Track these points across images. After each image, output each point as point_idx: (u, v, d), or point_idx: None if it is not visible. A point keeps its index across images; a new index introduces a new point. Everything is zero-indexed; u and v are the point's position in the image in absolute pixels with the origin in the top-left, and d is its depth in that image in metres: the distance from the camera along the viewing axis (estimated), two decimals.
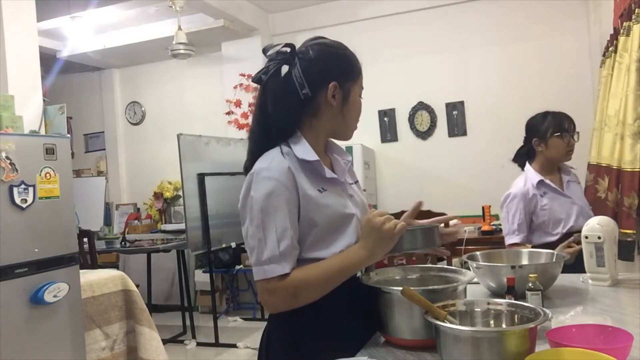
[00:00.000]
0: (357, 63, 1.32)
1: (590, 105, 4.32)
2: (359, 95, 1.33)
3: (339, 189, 1.30)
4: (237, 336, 4.52)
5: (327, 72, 1.26)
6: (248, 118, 5.56)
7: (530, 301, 1.33)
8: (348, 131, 1.34)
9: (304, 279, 1.17)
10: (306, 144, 1.26)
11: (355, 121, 1.34)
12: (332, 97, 1.27)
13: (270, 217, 1.17)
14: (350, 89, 1.29)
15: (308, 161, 1.24)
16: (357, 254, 1.19)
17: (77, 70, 6.34)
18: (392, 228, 1.16)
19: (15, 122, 2.66)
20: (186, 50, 4.57)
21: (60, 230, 2.59)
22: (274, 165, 1.21)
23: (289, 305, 1.19)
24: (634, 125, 2.57)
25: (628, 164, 2.61)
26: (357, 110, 1.33)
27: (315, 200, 1.22)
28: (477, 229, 4.04)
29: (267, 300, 1.19)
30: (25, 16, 3.13)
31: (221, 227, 4.42)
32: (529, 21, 4.74)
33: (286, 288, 1.16)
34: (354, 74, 1.31)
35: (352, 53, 1.33)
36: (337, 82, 1.27)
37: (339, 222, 1.25)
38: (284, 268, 1.16)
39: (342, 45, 1.34)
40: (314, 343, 1.24)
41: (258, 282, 1.19)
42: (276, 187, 1.18)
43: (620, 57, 2.77)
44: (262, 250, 1.17)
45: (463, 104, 4.98)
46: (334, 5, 5.32)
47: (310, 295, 1.19)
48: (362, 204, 1.38)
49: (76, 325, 2.64)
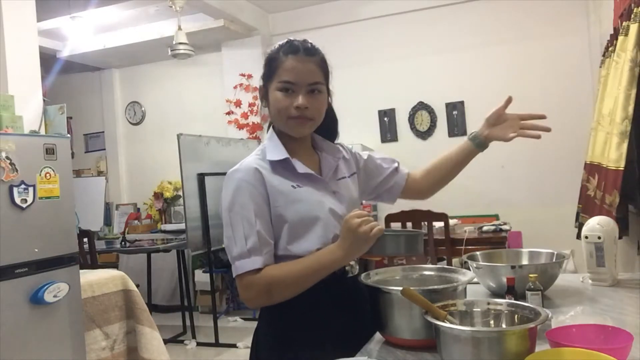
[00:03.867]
0: (273, 62, 1.29)
1: (590, 105, 4.32)
2: (279, 89, 1.27)
3: (317, 185, 1.31)
4: (237, 336, 4.52)
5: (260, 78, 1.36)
6: (248, 118, 5.57)
7: (530, 301, 1.32)
8: (282, 128, 1.31)
9: (277, 276, 1.19)
10: (277, 143, 1.31)
11: (279, 117, 1.29)
12: (261, 99, 1.36)
13: (237, 215, 1.22)
14: (269, 88, 1.31)
15: (276, 160, 1.28)
16: (333, 254, 1.19)
17: (77, 70, 6.35)
18: (367, 231, 1.14)
19: (15, 122, 2.66)
20: (186, 50, 4.57)
21: (60, 230, 2.59)
22: (242, 167, 1.27)
23: (264, 301, 1.22)
24: (621, 125, 2.56)
25: (612, 162, 2.60)
26: (275, 106, 1.29)
27: (286, 195, 1.25)
28: (477, 228, 4.04)
29: (244, 295, 1.22)
30: (25, 16, 3.13)
31: (221, 227, 4.31)
32: (529, 21, 4.74)
33: (260, 284, 1.18)
34: (269, 72, 1.31)
35: (273, 52, 1.31)
36: (262, 85, 1.34)
37: (310, 218, 1.25)
38: (254, 263, 1.19)
39: (276, 45, 1.32)
40: (301, 341, 1.25)
41: (235, 278, 1.22)
42: (241, 185, 1.23)
43: (618, 57, 2.77)
44: (232, 247, 1.22)
45: (463, 104, 4.98)
46: (334, 5, 5.32)
47: (285, 292, 1.20)
48: (350, 200, 1.36)
49: (76, 325, 2.64)
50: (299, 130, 1.30)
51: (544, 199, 4.70)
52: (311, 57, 1.28)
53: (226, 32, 5.28)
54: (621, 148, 2.55)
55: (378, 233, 1.15)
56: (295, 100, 1.25)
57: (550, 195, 4.67)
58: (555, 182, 4.65)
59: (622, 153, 2.54)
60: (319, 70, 1.29)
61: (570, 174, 4.31)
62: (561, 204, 4.41)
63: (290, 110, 1.26)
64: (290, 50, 1.27)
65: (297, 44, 1.29)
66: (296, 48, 1.28)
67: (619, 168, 2.56)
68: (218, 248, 4.52)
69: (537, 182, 4.74)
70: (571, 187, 4.00)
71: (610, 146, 2.68)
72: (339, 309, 1.29)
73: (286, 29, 5.45)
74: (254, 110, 5.52)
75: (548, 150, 4.70)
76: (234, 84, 5.55)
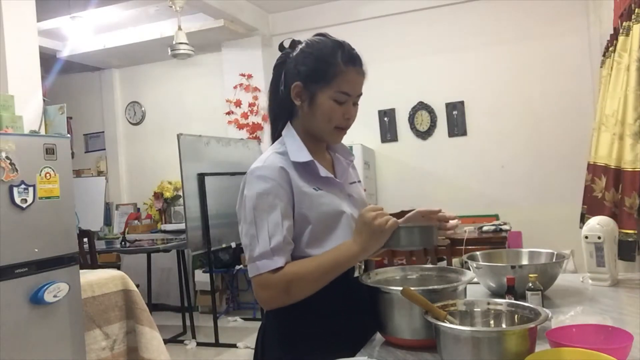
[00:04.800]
0: (331, 67, 1.24)
1: (590, 105, 4.33)
2: (335, 99, 1.25)
3: (335, 189, 1.31)
4: (237, 336, 4.52)
5: (296, 73, 1.28)
6: (248, 118, 5.57)
7: (530, 301, 1.32)
8: (323, 134, 1.30)
9: (296, 273, 1.17)
10: (300, 143, 1.28)
11: (326, 125, 1.27)
12: (296, 97, 1.28)
13: (263, 214, 1.19)
14: (317, 91, 1.25)
15: (300, 163, 1.26)
16: (349, 249, 1.18)
17: (77, 70, 6.34)
18: (383, 223, 1.14)
19: (15, 122, 2.66)
20: (186, 50, 4.57)
21: (60, 230, 2.59)
22: (267, 164, 1.24)
23: (282, 301, 1.19)
24: (634, 125, 2.56)
25: (629, 164, 2.60)
26: (326, 114, 1.26)
27: (310, 197, 1.24)
28: (477, 228, 4.04)
29: (261, 296, 1.20)
30: (25, 16, 3.12)
31: (221, 227, 4.42)
32: (529, 21, 4.74)
33: (279, 282, 1.17)
34: (322, 77, 1.25)
35: (327, 54, 1.25)
36: (302, 83, 1.27)
37: (332, 220, 1.26)
38: (276, 262, 1.17)
39: (323, 44, 1.28)
40: (309, 340, 1.25)
41: (252, 279, 1.20)
42: (268, 185, 1.21)
43: (619, 57, 2.77)
44: (255, 246, 1.19)
45: (463, 104, 4.98)
46: (334, 5, 5.32)
47: (303, 289, 1.18)
48: (363, 203, 1.38)
49: (76, 325, 2.64)
50: (339, 139, 1.34)
51: (544, 199, 4.70)
52: (362, 68, 1.30)
53: (226, 32, 5.28)
54: (636, 149, 2.54)
55: (393, 225, 1.15)
56: (346, 112, 1.27)
57: (551, 195, 4.67)
58: (555, 182, 4.65)
59: (638, 154, 2.53)
60: (363, 81, 1.31)
61: (570, 173, 4.31)
62: (561, 203, 4.41)
63: (341, 121, 1.27)
64: (351, 60, 1.26)
65: (355, 54, 1.29)
66: (355, 59, 1.28)
67: (635, 169, 2.55)
68: (218, 248, 4.52)
69: (537, 182, 4.74)
70: (571, 187, 4.00)
71: (622, 147, 2.67)
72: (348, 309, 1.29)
73: (286, 29, 5.45)
74: (254, 110, 5.52)
75: (548, 150, 4.70)
76: (234, 84, 5.55)
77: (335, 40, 1.29)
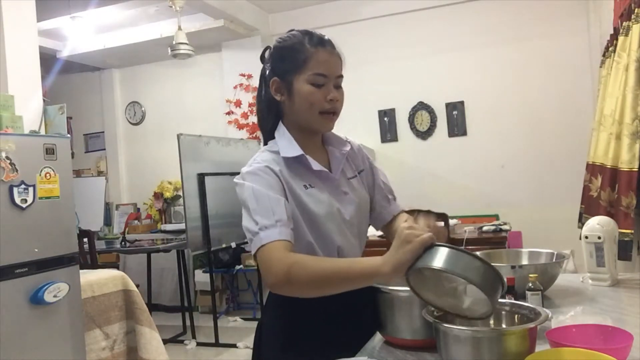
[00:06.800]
0: (300, 53, 1.24)
1: (590, 105, 4.32)
2: (311, 82, 1.23)
3: (329, 184, 1.28)
4: (237, 336, 4.52)
5: (271, 71, 1.30)
6: (248, 118, 5.57)
7: (530, 301, 1.33)
8: (310, 122, 1.27)
9: (301, 258, 1.10)
10: (290, 139, 1.27)
11: (309, 111, 1.24)
12: (276, 93, 1.28)
13: (262, 194, 1.17)
14: (293, 80, 1.24)
15: (291, 157, 1.24)
16: (370, 260, 1.04)
17: (77, 70, 6.34)
18: (413, 234, 0.98)
19: (15, 122, 2.66)
20: (186, 50, 4.57)
21: (60, 230, 2.59)
22: (255, 165, 1.23)
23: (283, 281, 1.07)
24: (632, 125, 2.56)
25: (626, 163, 2.59)
26: (306, 99, 1.23)
27: (298, 197, 1.22)
28: (477, 228, 4.04)
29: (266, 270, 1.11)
30: (25, 16, 3.12)
31: (221, 227, 4.42)
32: (529, 21, 4.74)
33: (282, 260, 1.08)
34: (294, 65, 1.24)
35: (295, 43, 1.26)
36: (278, 78, 1.27)
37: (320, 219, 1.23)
38: (281, 234, 1.11)
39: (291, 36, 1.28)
40: (308, 339, 1.24)
41: (257, 255, 1.13)
42: (263, 176, 1.20)
43: (619, 57, 2.77)
44: (257, 221, 1.13)
45: (463, 104, 4.98)
46: (334, 5, 5.32)
47: (304, 280, 1.07)
48: (360, 200, 1.33)
49: (76, 325, 2.64)
50: (328, 125, 1.29)
51: (544, 199, 4.70)
52: (335, 50, 1.28)
53: (226, 32, 5.28)
54: (633, 149, 2.54)
55: (426, 239, 0.97)
56: (327, 94, 1.24)
57: (550, 195, 4.67)
58: (555, 182, 4.65)
59: (635, 154, 2.53)
60: (341, 64, 1.28)
61: (570, 173, 4.31)
62: (561, 203, 4.40)
63: (323, 104, 1.24)
64: (320, 43, 1.25)
65: (324, 37, 1.28)
66: (323, 40, 1.26)
67: (632, 169, 2.55)
68: (218, 248, 4.52)
69: (537, 182, 4.74)
70: (571, 187, 4.00)
71: (619, 147, 2.67)
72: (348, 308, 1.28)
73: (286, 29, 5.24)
74: (254, 110, 5.51)
75: (548, 150, 4.70)
76: (234, 84, 5.55)
77: (303, 30, 1.30)
